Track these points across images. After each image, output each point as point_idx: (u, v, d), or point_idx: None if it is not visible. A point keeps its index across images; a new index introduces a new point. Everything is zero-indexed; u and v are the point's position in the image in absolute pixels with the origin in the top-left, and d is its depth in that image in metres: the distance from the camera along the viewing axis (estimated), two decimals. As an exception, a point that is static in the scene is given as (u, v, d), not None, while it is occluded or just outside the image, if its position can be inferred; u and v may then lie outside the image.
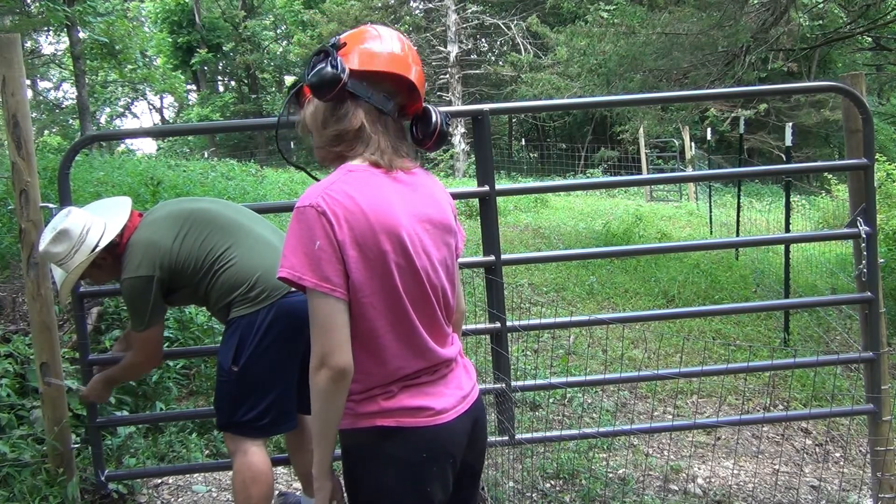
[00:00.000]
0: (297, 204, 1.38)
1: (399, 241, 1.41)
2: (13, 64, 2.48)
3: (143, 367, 2.51)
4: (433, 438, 1.46)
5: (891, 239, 6.08)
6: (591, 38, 8.52)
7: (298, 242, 1.37)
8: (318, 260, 1.35)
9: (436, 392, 1.49)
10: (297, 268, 1.36)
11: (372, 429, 1.43)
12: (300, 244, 1.36)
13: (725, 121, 14.66)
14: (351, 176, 1.42)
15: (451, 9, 19.47)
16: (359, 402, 1.44)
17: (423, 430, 1.45)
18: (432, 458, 1.47)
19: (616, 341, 4.90)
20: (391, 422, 1.43)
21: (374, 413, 1.43)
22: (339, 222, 1.36)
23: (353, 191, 1.39)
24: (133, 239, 2.28)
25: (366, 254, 1.38)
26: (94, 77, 21.76)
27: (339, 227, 1.36)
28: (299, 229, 1.37)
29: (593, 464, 3.32)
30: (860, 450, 3.82)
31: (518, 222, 9.45)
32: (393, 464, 1.44)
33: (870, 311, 2.78)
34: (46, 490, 2.64)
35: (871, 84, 16.79)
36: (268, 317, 2.22)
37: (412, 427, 1.44)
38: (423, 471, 1.46)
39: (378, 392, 1.44)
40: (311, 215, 1.36)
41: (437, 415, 1.47)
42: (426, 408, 1.46)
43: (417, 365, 1.47)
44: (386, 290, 1.41)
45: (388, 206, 1.42)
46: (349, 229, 1.36)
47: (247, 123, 5.27)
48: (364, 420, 1.44)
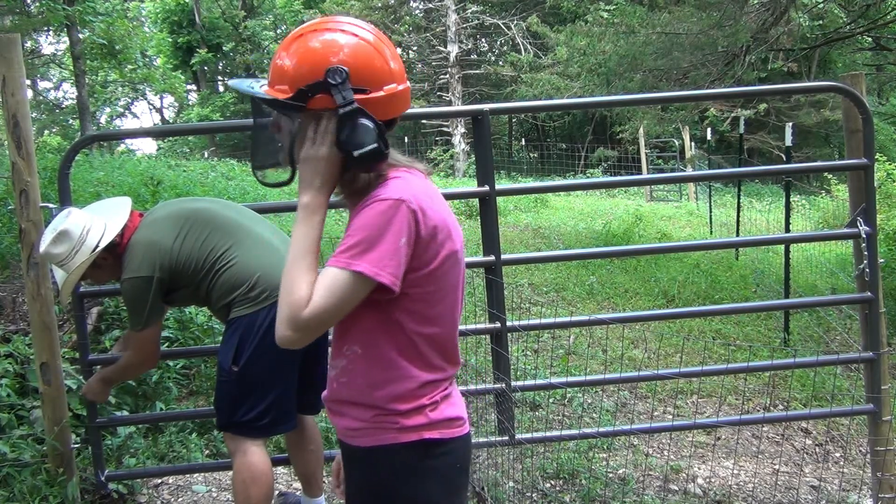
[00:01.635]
0: (386, 196, 1.27)
1: (461, 244, 1.40)
2: (13, 64, 2.48)
3: (140, 368, 2.51)
4: (465, 448, 1.45)
5: (891, 239, 6.08)
6: (591, 38, 8.52)
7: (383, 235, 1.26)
8: (399, 256, 1.26)
9: (457, 401, 1.46)
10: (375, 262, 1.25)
11: (418, 442, 1.36)
12: (385, 236, 1.26)
13: (725, 121, 14.65)
14: (413, 178, 1.36)
15: (451, 9, 19.47)
16: (406, 413, 1.35)
17: (459, 440, 1.42)
18: (463, 468, 1.45)
19: (616, 341, 4.90)
20: (436, 434, 1.37)
21: (422, 426, 1.36)
22: (427, 221, 1.30)
23: (430, 192, 1.36)
24: (133, 239, 2.28)
25: (444, 254, 1.34)
26: (94, 77, 21.74)
27: (425, 225, 1.29)
28: (385, 220, 1.26)
29: (593, 464, 3.32)
30: (860, 450, 3.82)
31: (518, 222, 9.44)
32: (432, 476, 1.38)
33: (870, 311, 2.78)
34: (46, 490, 2.64)
35: (871, 84, 16.79)
36: (268, 317, 2.22)
37: (451, 438, 1.40)
38: (458, 481, 1.44)
39: (427, 402, 1.37)
40: (404, 210, 1.27)
41: (464, 424, 1.44)
42: (459, 417, 1.43)
43: (453, 372, 1.44)
44: (448, 291, 1.38)
45: (449, 211, 1.40)
46: (433, 227, 1.31)
47: (247, 123, 5.26)
48: (410, 433, 1.35)
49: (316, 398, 2.54)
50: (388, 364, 1.34)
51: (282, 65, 1.30)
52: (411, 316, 1.34)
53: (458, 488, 1.44)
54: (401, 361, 1.34)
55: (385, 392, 1.34)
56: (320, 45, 1.29)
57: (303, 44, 1.30)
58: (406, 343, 1.35)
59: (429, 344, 1.37)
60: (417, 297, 1.33)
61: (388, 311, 1.33)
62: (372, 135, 1.27)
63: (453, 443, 1.40)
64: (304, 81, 1.28)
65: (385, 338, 1.34)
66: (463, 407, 1.47)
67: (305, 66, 1.28)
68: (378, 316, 1.34)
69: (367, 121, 1.27)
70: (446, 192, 2.20)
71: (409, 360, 1.35)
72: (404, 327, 1.34)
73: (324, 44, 1.29)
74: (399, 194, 1.28)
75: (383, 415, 1.35)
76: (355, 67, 1.28)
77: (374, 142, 1.27)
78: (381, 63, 1.31)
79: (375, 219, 1.26)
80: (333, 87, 1.26)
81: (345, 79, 1.26)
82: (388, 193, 1.28)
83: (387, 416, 1.35)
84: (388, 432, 1.35)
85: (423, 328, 1.35)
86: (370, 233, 1.26)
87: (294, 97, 1.29)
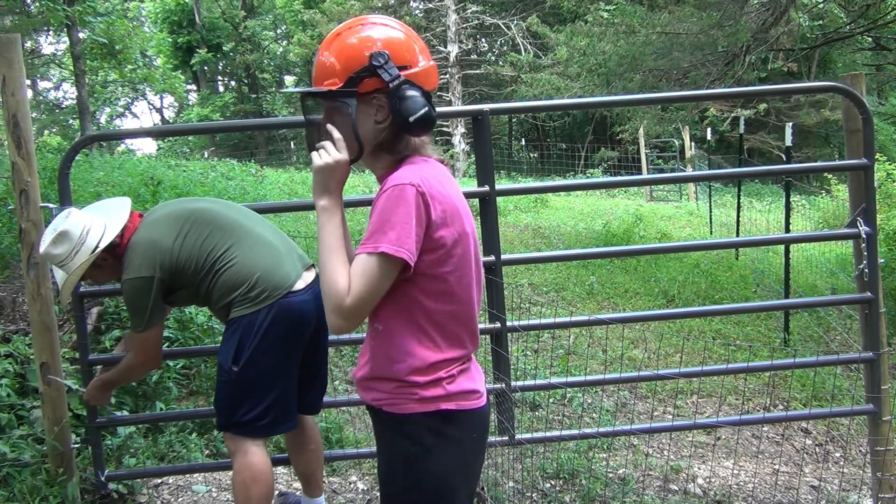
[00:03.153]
0: (394, 182, 1.40)
1: (472, 228, 1.52)
2: (13, 64, 2.48)
3: (142, 369, 2.50)
4: (481, 420, 1.56)
5: (891, 239, 6.07)
6: (591, 38, 8.51)
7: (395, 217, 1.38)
8: (412, 235, 1.39)
9: (476, 375, 1.57)
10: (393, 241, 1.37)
11: (436, 413, 1.47)
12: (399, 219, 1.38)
13: (725, 121, 14.67)
14: (429, 165, 1.50)
15: (451, 9, 19.47)
16: (424, 385, 1.46)
17: (476, 412, 1.53)
18: (479, 438, 1.57)
19: (616, 341, 4.90)
20: (453, 405, 1.48)
21: (439, 397, 1.47)
22: (435, 203, 1.42)
23: (440, 177, 1.48)
24: (134, 239, 2.28)
25: (455, 235, 1.46)
26: (94, 77, 21.73)
27: (434, 208, 1.42)
28: (397, 204, 1.39)
29: (593, 464, 3.32)
30: (860, 450, 3.82)
31: (518, 222, 9.44)
32: (452, 445, 1.50)
33: (870, 311, 2.78)
34: (46, 490, 2.64)
35: (871, 84, 16.79)
36: (268, 317, 2.23)
37: (468, 409, 1.51)
38: (473, 450, 1.56)
39: (444, 375, 1.48)
40: (412, 193, 1.39)
41: (481, 397, 1.55)
42: (475, 391, 1.54)
43: (472, 348, 1.56)
44: (463, 271, 1.49)
45: (460, 194, 1.54)
46: (442, 210, 1.43)
47: (247, 123, 5.28)
48: (428, 404, 1.47)
49: (316, 398, 2.55)
50: (408, 340, 1.47)
51: (325, 62, 1.47)
52: (429, 295, 1.46)
53: (474, 457, 1.57)
54: (419, 337, 1.47)
55: (404, 365, 1.47)
56: (357, 39, 1.46)
57: (342, 41, 1.47)
58: (425, 320, 1.47)
59: (447, 321, 1.48)
60: (434, 276, 1.45)
61: (407, 291, 1.45)
62: (422, 101, 1.44)
63: (469, 414, 1.52)
64: (352, 70, 1.44)
65: (404, 315, 1.47)
66: (481, 381, 1.59)
67: (350, 57, 1.45)
68: (398, 295, 1.45)
69: (415, 90, 1.44)
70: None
71: (428, 337, 1.47)
72: (423, 305, 1.46)
73: (361, 38, 1.47)
74: (408, 179, 1.41)
75: (404, 386, 1.47)
76: (393, 50, 1.45)
77: (425, 106, 1.44)
78: (412, 44, 1.49)
79: (387, 203, 1.39)
80: (379, 67, 1.42)
81: (387, 59, 1.43)
82: (399, 179, 1.41)
83: (407, 387, 1.47)
84: (408, 402, 1.47)
85: (441, 306, 1.47)
86: (385, 217, 1.39)
87: (346, 85, 1.45)
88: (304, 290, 2.30)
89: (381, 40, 1.45)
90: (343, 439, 3.38)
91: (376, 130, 1.48)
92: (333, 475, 3.21)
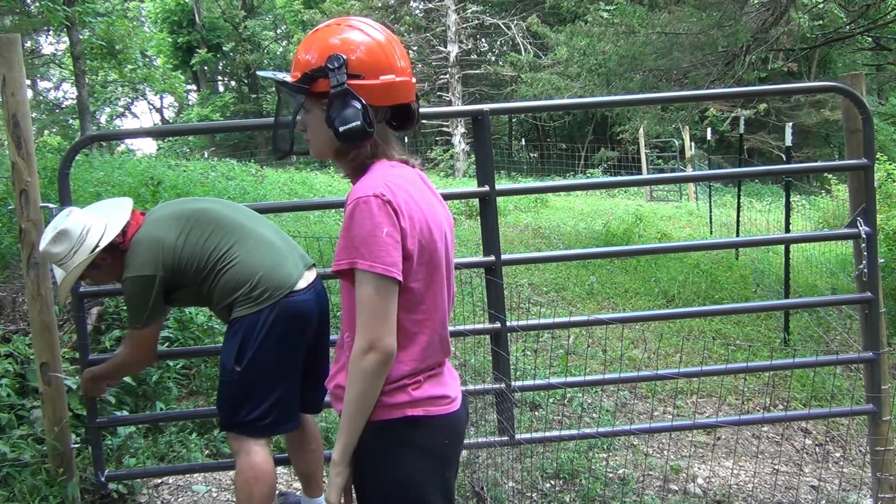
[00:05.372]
0: (355, 196, 1.38)
1: (441, 234, 1.48)
2: (13, 64, 2.48)
3: (135, 367, 2.50)
4: (452, 425, 1.52)
5: (891, 239, 6.07)
6: (591, 38, 8.51)
7: (363, 232, 1.36)
8: (387, 246, 1.36)
9: (446, 381, 1.54)
10: (366, 256, 1.35)
11: (401, 419, 1.44)
12: (366, 233, 1.35)
13: (725, 121, 14.67)
14: (396, 170, 1.46)
15: (451, 9, 19.47)
16: (388, 392, 1.43)
17: (444, 418, 1.49)
18: (451, 444, 1.53)
19: (616, 341, 4.90)
20: (420, 411, 1.45)
21: (404, 403, 1.44)
22: (401, 211, 1.38)
23: (405, 184, 1.44)
24: (136, 238, 2.28)
25: (422, 244, 1.42)
26: (94, 77, 21.73)
27: (402, 216, 1.38)
28: (362, 219, 1.36)
29: (593, 464, 3.32)
30: (860, 450, 3.82)
31: (518, 222, 9.44)
32: (419, 452, 1.46)
33: (870, 311, 2.78)
34: (46, 490, 2.64)
35: (871, 84, 16.78)
36: (270, 316, 2.23)
37: (436, 415, 1.48)
38: (444, 457, 1.51)
39: (409, 382, 1.45)
40: (376, 204, 1.36)
41: (452, 402, 1.52)
42: (445, 396, 1.50)
43: (442, 356, 1.53)
44: (432, 280, 1.46)
45: (430, 200, 1.49)
46: (409, 218, 1.40)
47: (247, 123, 5.28)
48: (393, 411, 1.44)
49: (318, 397, 2.55)
50: None
51: (297, 56, 1.48)
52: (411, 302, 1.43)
53: (447, 464, 1.52)
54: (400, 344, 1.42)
55: None
56: (330, 38, 1.45)
57: (317, 38, 1.47)
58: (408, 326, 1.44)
59: (415, 329, 1.45)
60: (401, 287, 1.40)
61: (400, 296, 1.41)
62: (357, 114, 1.39)
63: (439, 420, 1.48)
64: (310, 67, 1.44)
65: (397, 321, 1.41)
66: (454, 386, 1.55)
67: (314, 55, 1.44)
68: None
69: (355, 102, 1.40)
70: (446, 193, 2.20)
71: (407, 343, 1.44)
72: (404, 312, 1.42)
73: (334, 38, 1.45)
74: (371, 190, 1.38)
75: None
76: (356, 57, 1.42)
77: (357, 119, 1.39)
78: (382, 57, 1.44)
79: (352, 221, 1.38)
80: (330, 70, 1.40)
81: (342, 64, 1.40)
82: (362, 191, 1.39)
83: None
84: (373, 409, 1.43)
85: (408, 315, 1.43)
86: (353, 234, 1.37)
87: (300, 80, 1.45)
88: (305, 289, 2.30)
89: (351, 44, 1.43)
90: (343, 439, 3.38)
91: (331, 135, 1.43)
92: (333, 475, 3.21)
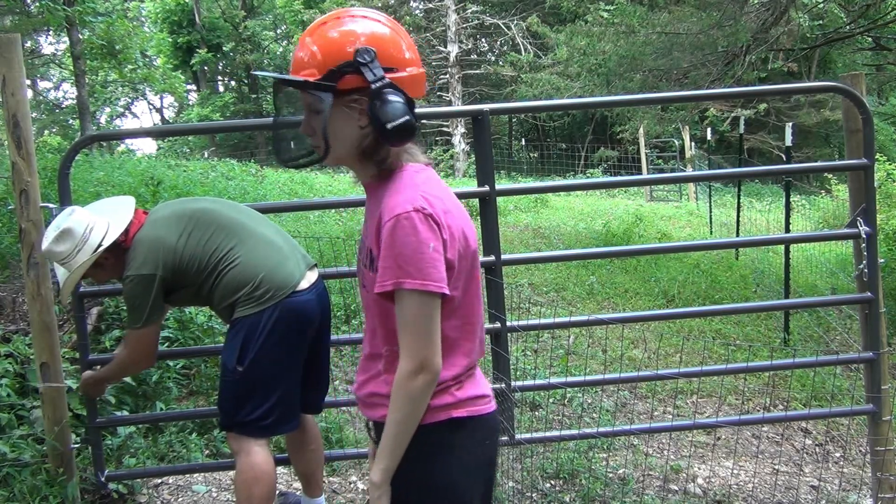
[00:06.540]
0: (394, 212, 1.33)
1: (473, 236, 1.45)
2: (13, 64, 2.48)
3: (134, 367, 2.50)
4: (492, 424, 1.50)
5: (891, 239, 6.08)
6: (591, 38, 8.51)
7: (408, 250, 1.31)
8: (434, 261, 1.33)
9: (481, 380, 1.53)
10: (415, 275, 1.31)
11: (446, 421, 1.42)
12: (412, 251, 1.31)
13: (725, 121, 14.65)
14: (424, 176, 1.42)
15: (451, 9, 19.46)
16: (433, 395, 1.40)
17: (486, 418, 1.48)
18: (492, 444, 1.51)
19: (616, 341, 4.90)
20: (463, 412, 1.44)
21: (448, 405, 1.42)
22: (442, 223, 1.35)
23: (438, 191, 1.40)
24: (138, 237, 2.28)
25: (460, 252, 1.40)
26: (94, 77, 21.69)
27: (443, 227, 1.35)
28: (405, 235, 1.32)
29: (593, 464, 3.32)
30: (860, 450, 3.82)
31: (518, 222, 9.43)
32: (464, 453, 1.44)
33: (870, 311, 2.78)
34: (46, 490, 2.63)
35: (871, 84, 16.77)
36: (272, 316, 2.23)
37: (479, 415, 1.46)
38: (486, 457, 1.50)
39: (452, 384, 1.43)
40: (419, 219, 1.32)
41: (490, 401, 1.50)
42: (485, 395, 1.49)
43: (479, 356, 1.51)
44: (470, 285, 1.44)
45: (458, 203, 1.46)
46: (448, 227, 1.37)
47: (247, 123, 5.28)
48: (438, 413, 1.41)
49: (318, 398, 2.55)
50: None
51: (306, 52, 1.36)
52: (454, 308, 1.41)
53: (488, 463, 1.52)
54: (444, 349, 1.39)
55: None
56: (344, 31, 1.36)
57: (325, 31, 1.36)
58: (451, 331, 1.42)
59: (458, 334, 1.43)
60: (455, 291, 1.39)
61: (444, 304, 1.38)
62: (403, 108, 1.32)
63: (481, 420, 1.46)
64: (333, 63, 1.33)
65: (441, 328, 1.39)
66: (487, 386, 1.54)
67: (333, 49, 1.34)
68: None
69: (399, 95, 1.33)
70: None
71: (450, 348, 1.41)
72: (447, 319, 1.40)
73: (345, 31, 1.36)
74: (411, 204, 1.33)
75: None
76: (380, 48, 1.35)
77: (407, 115, 1.32)
78: (400, 48, 1.39)
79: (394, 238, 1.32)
80: (363, 65, 1.32)
81: (374, 57, 1.33)
82: (401, 206, 1.33)
83: None
84: None
85: (450, 321, 1.41)
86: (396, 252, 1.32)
87: (324, 78, 1.33)
88: (307, 289, 2.30)
89: (367, 36, 1.35)
90: (343, 439, 3.38)
91: (360, 135, 1.38)
92: (333, 475, 3.21)
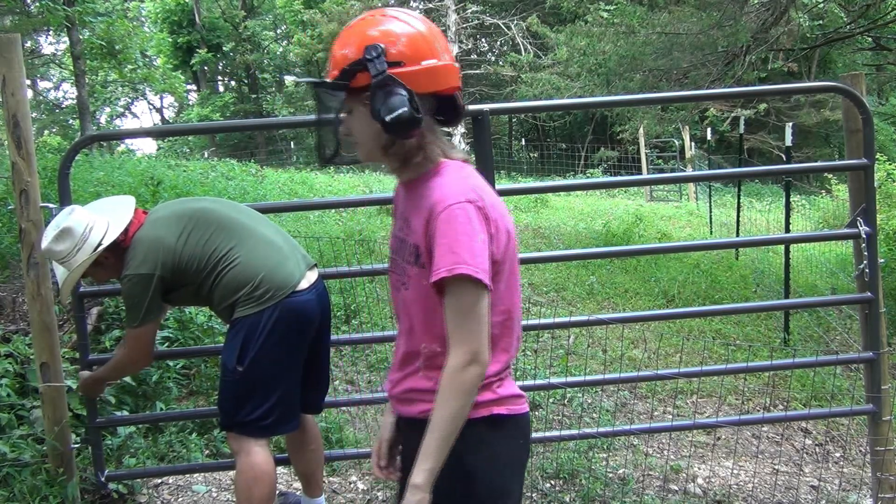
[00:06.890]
0: (447, 202, 1.34)
1: (514, 233, 1.46)
2: (13, 64, 2.48)
3: (132, 367, 2.50)
4: (527, 423, 1.51)
5: (891, 239, 6.07)
6: (591, 38, 8.51)
7: (466, 238, 1.32)
8: (484, 253, 1.34)
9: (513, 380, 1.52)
10: (471, 262, 1.31)
11: (486, 418, 1.41)
12: (468, 239, 1.32)
13: (725, 121, 14.65)
14: (468, 171, 1.44)
15: (451, 9, 19.45)
16: None
17: (523, 418, 1.48)
18: (525, 444, 1.52)
19: (616, 341, 4.90)
20: (504, 410, 1.44)
21: (490, 402, 1.42)
22: (490, 217, 1.37)
23: (483, 186, 1.42)
24: (137, 236, 2.28)
25: (504, 246, 1.40)
26: (94, 77, 21.71)
27: (490, 221, 1.37)
28: (459, 224, 1.33)
29: (593, 464, 3.32)
30: (860, 450, 3.82)
31: (518, 222, 9.43)
32: (501, 451, 1.44)
33: (870, 311, 2.78)
34: (46, 490, 2.63)
35: (871, 84, 16.78)
36: (272, 316, 2.23)
37: (518, 414, 1.47)
38: (521, 458, 1.51)
39: (494, 380, 1.43)
40: (472, 210, 1.34)
41: (526, 402, 1.50)
42: (522, 395, 1.49)
43: (516, 353, 1.51)
44: (511, 281, 1.44)
45: (500, 200, 1.46)
46: (494, 221, 1.38)
47: (247, 123, 5.28)
48: (479, 409, 1.40)
49: (318, 398, 2.55)
50: None
51: (334, 54, 1.42)
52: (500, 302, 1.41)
53: (522, 464, 1.52)
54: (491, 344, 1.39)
55: None
56: (368, 30, 1.40)
57: (352, 32, 1.42)
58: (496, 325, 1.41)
59: (499, 330, 1.42)
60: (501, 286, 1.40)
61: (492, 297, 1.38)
62: (403, 101, 1.33)
63: (518, 420, 1.47)
64: (348, 62, 1.39)
65: None
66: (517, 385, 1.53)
67: (351, 49, 1.39)
68: None
69: (399, 89, 1.34)
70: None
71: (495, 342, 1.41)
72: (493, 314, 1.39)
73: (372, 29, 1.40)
74: (464, 196, 1.35)
75: None
76: (393, 44, 1.37)
77: (404, 106, 1.33)
78: (422, 42, 1.39)
79: (449, 227, 1.33)
80: (369, 62, 1.35)
81: (380, 53, 1.35)
82: (453, 197, 1.35)
83: None
84: None
85: (494, 317, 1.40)
86: (450, 240, 1.33)
87: (339, 77, 1.39)
88: (307, 289, 2.30)
89: (387, 32, 1.38)
90: (343, 439, 3.38)
91: (377, 131, 1.38)
92: (333, 475, 3.21)
